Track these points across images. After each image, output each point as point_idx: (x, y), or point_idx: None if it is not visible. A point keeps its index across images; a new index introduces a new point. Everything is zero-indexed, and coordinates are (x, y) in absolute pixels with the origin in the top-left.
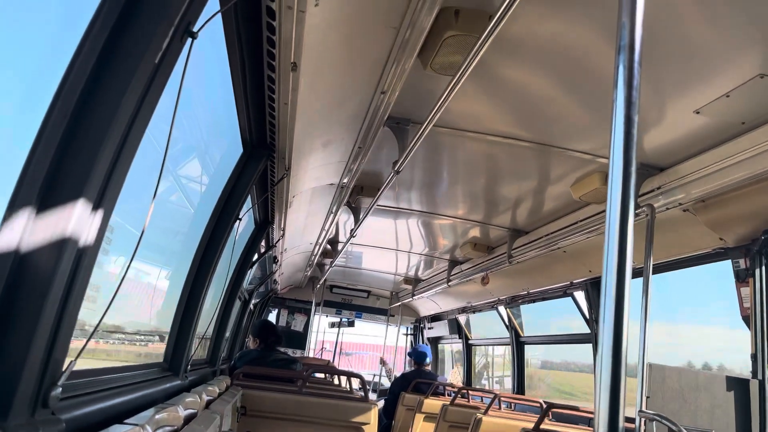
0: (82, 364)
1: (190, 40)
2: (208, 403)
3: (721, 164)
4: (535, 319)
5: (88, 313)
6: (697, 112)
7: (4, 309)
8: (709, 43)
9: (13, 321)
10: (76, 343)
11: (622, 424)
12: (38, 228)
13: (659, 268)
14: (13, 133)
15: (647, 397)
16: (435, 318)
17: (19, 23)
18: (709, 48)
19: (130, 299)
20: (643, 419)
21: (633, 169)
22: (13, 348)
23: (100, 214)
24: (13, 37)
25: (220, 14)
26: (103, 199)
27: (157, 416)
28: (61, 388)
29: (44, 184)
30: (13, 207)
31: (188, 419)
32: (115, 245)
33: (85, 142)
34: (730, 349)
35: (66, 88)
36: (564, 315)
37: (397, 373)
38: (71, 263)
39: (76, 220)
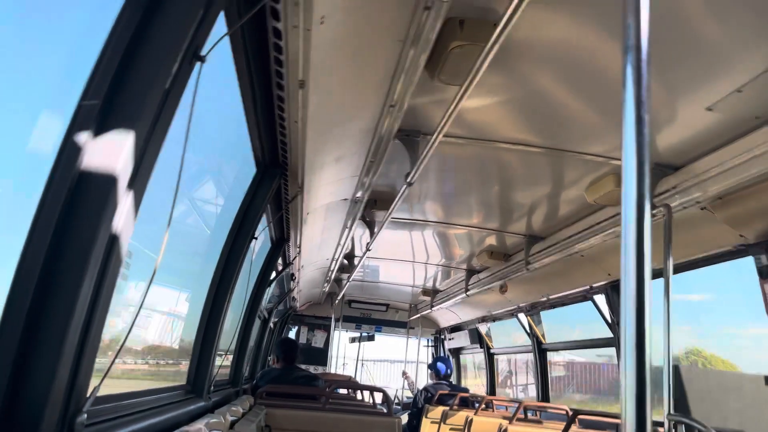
0: (105, 389)
1: (198, 63)
2: (233, 424)
3: (737, 160)
4: (558, 323)
5: (110, 338)
6: (710, 109)
7: (28, 337)
8: (717, 39)
9: (37, 349)
10: (98, 369)
11: (649, 428)
12: (57, 256)
13: (679, 269)
14: (30, 160)
15: (675, 400)
16: (455, 328)
17: (32, 54)
18: (718, 44)
19: (151, 323)
20: (671, 422)
21: (646, 169)
22: (38, 376)
23: (118, 238)
24: (26, 67)
25: (227, 37)
26: (121, 224)
27: None
28: (86, 415)
29: (62, 211)
30: (33, 235)
31: None
32: (134, 270)
33: (100, 168)
34: (759, 347)
35: (80, 115)
36: (586, 319)
37: (420, 385)
38: (91, 290)
39: (95, 245)
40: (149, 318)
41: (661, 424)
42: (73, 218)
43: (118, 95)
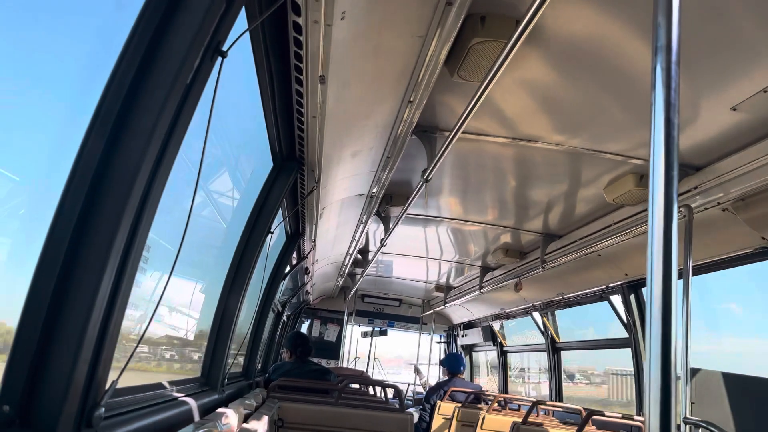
0: (122, 381)
1: (220, 59)
2: (246, 417)
3: (761, 161)
4: (573, 323)
5: (127, 332)
6: (734, 109)
7: (48, 332)
8: (743, 39)
9: (57, 344)
10: (116, 362)
11: (674, 431)
12: (78, 249)
13: (699, 270)
14: (52, 153)
15: (692, 403)
16: (468, 325)
17: (55, 50)
18: (744, 43)
19: (167, 316)
20: (688, 426)
21: (675, 172)
22: (57, 371)
23: (138, 231)
24: (51, 64)
25: (248, 32)
26: (141, 217)
27: None
28: (103, 408)
29: (84, 205)
30: (54, 229)
31: None
32: (152, 263)
33: (123, 162)
34: None
35: (103, 110)
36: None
37: (432, 381)
38: (111, 284)
39: (116, 239)
40: (165, 310)
41: (678, 428)
42: (95, 212)
43: (141, 89)
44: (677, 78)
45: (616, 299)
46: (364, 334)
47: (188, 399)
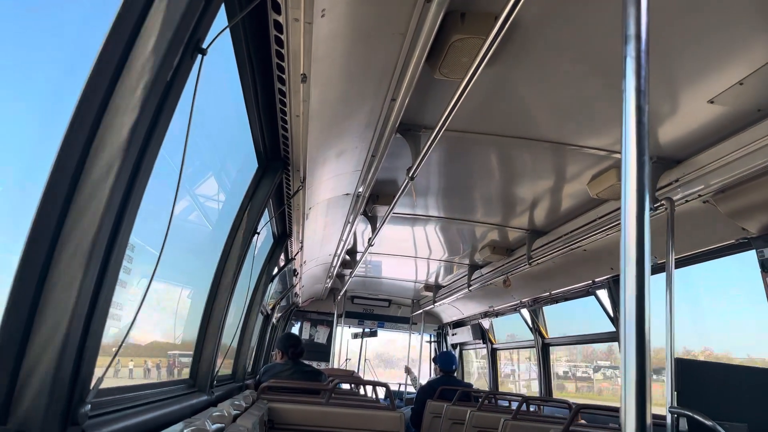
0: (109, 383)
1: (200, 56)
2: (235, 418)
3: (739, 153)
4: (562, 318)
5: (113, 332)
6: (711, 102)
7: (31, 329)
8: (718, 31)
9: (40, 340)
10: (102, 361)
11: (649, 421)
12: (59, 248)
13: (682, 262)
14: (30, 155)
15: (677, 393)
16: (458, 324)
17: (32, 47)
18: (719, 36)
19: (153, 318)
20: (673, 415)
21: (646, 158)
22: (41, 367)
23: (120, 231)
24: (25, 63)
25: (228, 30)
26: (123, 216)
27: (185, 431)
28: (89, 406)
29: (63, 206)
30: (35, 229)
31: None
32: (137, 265)
33: (101, 163)
34: (760, 341)
35: (81, 110)
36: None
37: (423, 381)
38: (94, 282)
39: (97, 238)
40: (152, 313)
41: (663, 418)
42: (76, 210)
43: (119, 88)
44: (647, 66)
45: (603, 294)
46: (355, 336)
47: (176, 400)
